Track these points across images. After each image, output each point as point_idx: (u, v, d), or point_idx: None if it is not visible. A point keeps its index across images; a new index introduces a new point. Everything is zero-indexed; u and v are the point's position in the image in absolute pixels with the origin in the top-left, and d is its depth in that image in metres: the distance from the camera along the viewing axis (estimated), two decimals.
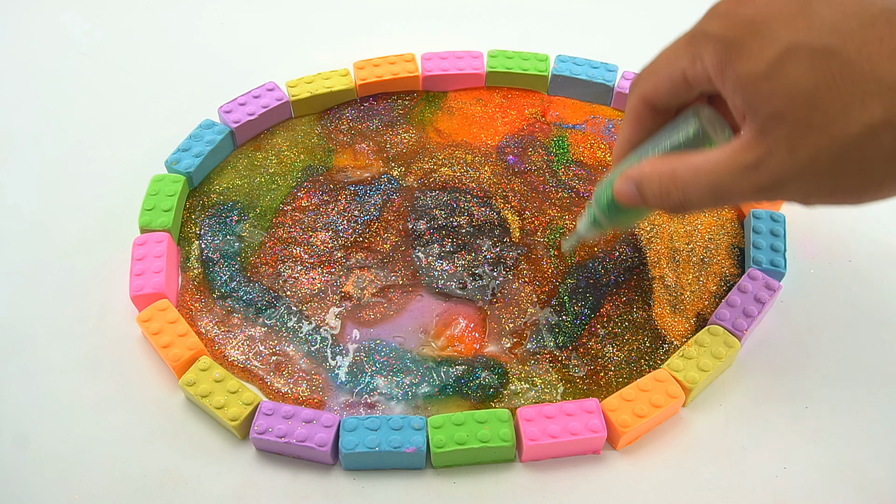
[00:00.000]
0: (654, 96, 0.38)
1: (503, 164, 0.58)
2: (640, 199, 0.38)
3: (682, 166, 0.35)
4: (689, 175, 0.35)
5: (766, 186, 0.33)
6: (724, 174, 0.34)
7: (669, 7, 0.73)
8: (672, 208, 0.36)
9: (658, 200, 0.37)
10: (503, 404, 0.47)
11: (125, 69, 0.66)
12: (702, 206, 0.36)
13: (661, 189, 0.36)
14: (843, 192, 0.33)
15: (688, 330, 0.50)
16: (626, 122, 0.40)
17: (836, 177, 0.32)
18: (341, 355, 0.48)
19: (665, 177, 0.36)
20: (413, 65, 0.62)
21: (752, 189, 0.34)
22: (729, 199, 0.35)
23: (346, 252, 0.53)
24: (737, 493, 0.44)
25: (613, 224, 0.41)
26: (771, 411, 0.47)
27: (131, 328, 0.49)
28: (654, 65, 0.38)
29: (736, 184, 0.34)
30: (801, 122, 0.31)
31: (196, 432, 0.46)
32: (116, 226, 0.54)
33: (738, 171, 0.33)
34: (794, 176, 0.32)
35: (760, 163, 0.33)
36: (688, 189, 0.35)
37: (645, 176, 0.37)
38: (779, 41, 0.32)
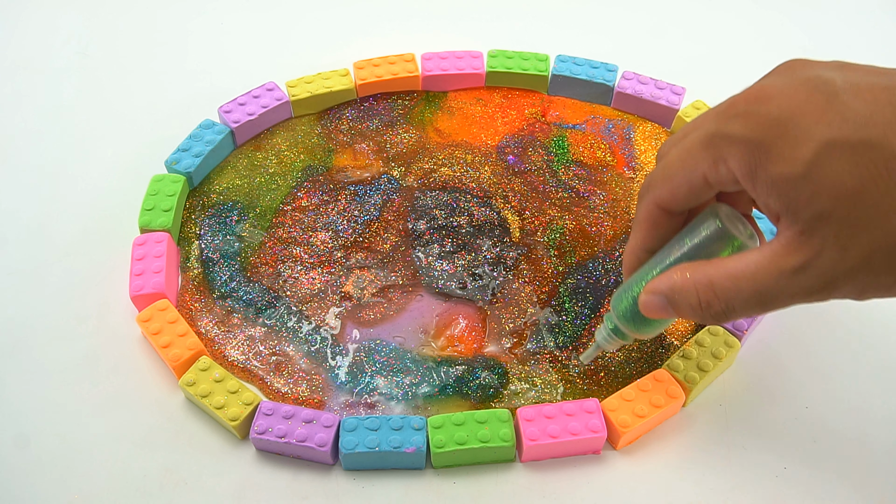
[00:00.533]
0: (671, 201, 0.36)
1: (503, 164, 0.58)
2: (671, 312, 0.36)
3: (719, 274, 0.33)
4: (729, 283, 0.33)
5: (817, 288, 0.32)
6: (769, 280, 0.32)
7: (669, 7, 0.73)
8: (712, 319, 0.35)
9: (696, 312, 0.35)
10: (503, 404, 0.47)
11: (125, 69, 0.66)
12: (745, 314, 0.34)
13: (701, 301, 0.34)
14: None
15: (688, 330, 0.50)
16: (640, 228, 0.38)
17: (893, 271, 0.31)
18: (341, 355, 0.48)
19: (702, 287, 0.34)
20: (413, 65, 0.62)
21: (802, 292, 0.32)
22: (776, 305, 0.33)
23: (346, 252, 0.53)
24: (737, 493, 0.44)
25: (638, 334, 0.39)
26: (771, 411, 0.47)
27: (131, 328, 0.49)
28: (667, 169, 0.36)
29: (783, 289, 0.32)
30: (850, 221, 0.30)
31: (196, 432, 0.46)
32: (116, 226, 0.54)
33: (784, 275, 0.32)
34: (847, 276, 0.31)
35: (809, 265, 0.31)
36: (730, 298, 0.33)
37: (678, 288, 0.35)
38: (813, 139, 0.30)
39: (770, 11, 0.73)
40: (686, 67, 0.66)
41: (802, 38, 0.70)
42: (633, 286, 0.38)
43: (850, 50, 0.68)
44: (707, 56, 0.68)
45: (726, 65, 0.67)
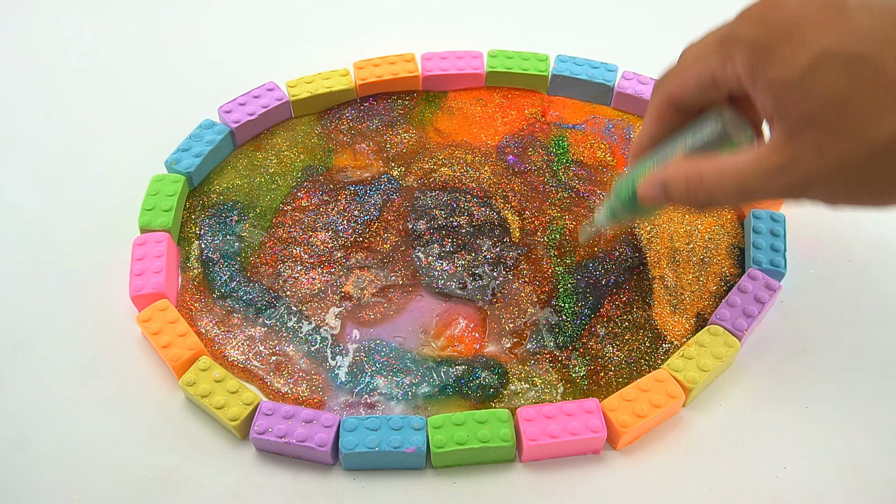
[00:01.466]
0: (680, 96, 0.39)
1: (503, 164, 0.58)
2: (665, 200, 0.39)
3: (709, 168, 0.36)
4: (716, 177, 0.36)
5: (792, 187, 0.34)
6: (750, 176, 0.35)
7: (669, 7, 0.73)
8: (698, 206, 0.38)
9: (683, 199, 0.38)
10: (503, 404, 0.47)
11: (125, 69, 0.66)
12: (728, 203, 0.37)
13: (689, 190, 0.37)
14: (867, 196, 0.34)
15: (688, 330, 0.50)
16: (649, 120, 0.41)
17: (863, 181, 0.33)
18: (341, 355, 0.48)
19: (692, 179, 0.37)
20: (413, 65, 0.62)
21: (777, 190, 0.34)
22: (754, 199, 0.36)
23: (346, 252, 0.53)
24: (737, 493, 0.44)
25: (633, 216, 0.43)
26: (771, 411, 0.47)
27: (131, 328, 0.49)
28: (680, 65, 0.38)
29: (761, 185, 0.35)
30: (831, 128, 0.32)
31: (196, 432, 0.46)
32: (116, 226, 0.54)
33: (765, 173, 0.34)
34: (821, 179, 0.33)
35: (788, 165, 0.33)
36: (714, 190, 0.36)
37: (671, 178, 0.38)
38: (812, 47, 0.32)
39: None
40: None
41: None
42: (634, 174, 0.41)
43: None
44: None
45: None
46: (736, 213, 0.55)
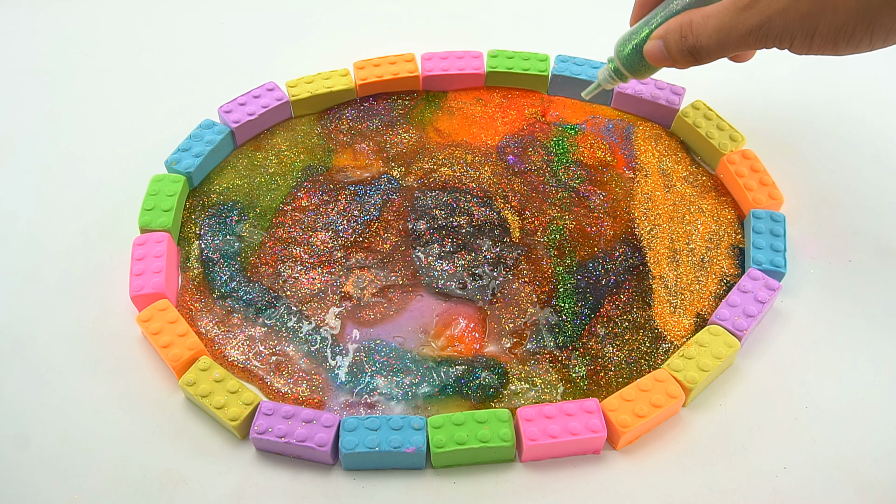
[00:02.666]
0: None
1: (503, 164, 0.58)
2: (666, 56, 0.45)
3: (697, 15, 0.43)
4: (702, 21, 0.42)
5: (756, 26, 0.40)
6: (726, 17, 0.41)
7: None
8: (689, 53, 0.43)
9: (678, 47, 0.44)
10: (503, 404, 0.47)
11: (125, 69, 0.66)
12: (711, 48, 0.42)
13: (681, 36, 0.43)
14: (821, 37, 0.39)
15: (688, 330, 0.50)
16: None
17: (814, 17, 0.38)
18: (341, 355, 0.48)
19: (684, 25, 0.43)
20: (413, 65, 0.62)
21: (746, 29, 0.40)
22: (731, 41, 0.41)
23: (346, 252, 0.53)
24: (737, 493, 0.44)
25: (633, 75, 0.48)
26: (771, 411, 0.47)
27: (131, 328, 0.49)
28: None
29: (734, 24, 0.41)
30: None
31: (196, 432, 0.46)
32: (116, 226, 0.54)
33: (736, 11, 0.40)
34: (778, 15, 0.39)
35: (753, 3, 0.40)
36: (698, 32, 0.42)
37: (670, 29, 0.44)
38: None
39: None
40: None
41: None
42: (636, 33, 0.47)
43: None
44: None
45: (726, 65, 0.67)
46: (736, 212, 0.55)
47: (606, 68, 0.49)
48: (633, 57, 0.47)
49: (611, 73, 0.49)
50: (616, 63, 0.48)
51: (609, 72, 0.49)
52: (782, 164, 0.58)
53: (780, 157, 0.58)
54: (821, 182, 0.57)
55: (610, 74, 0.49)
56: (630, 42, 0.47)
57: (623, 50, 0.47)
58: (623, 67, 0.48)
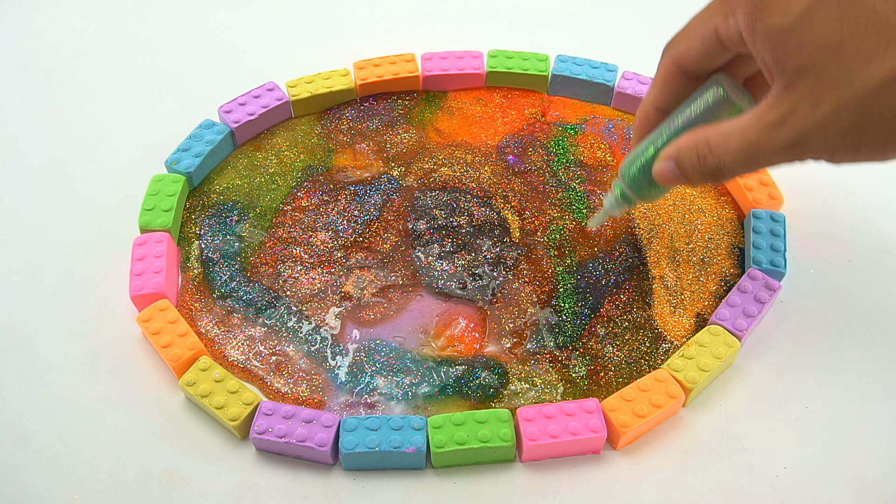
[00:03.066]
0: (687, 58, 0.39)
1: (503, 164, 0.58)
2: (680, 175, 0.38)
3: (714, 133, 0.36)
4: (722, 140, 0.36)
5: (791, 143, 0.33)
6: (752, 134, 0.35)
7: (669, 7, 0.73)
8: (710, 174, 0.37)
9: (696, 169, 0.38)
10: (503, 404, 0.47)
11: (125, 69, 0.66)
12: (737, 169, 0.36)
13: (699, 158, 0.37)
14: (867, 148, 0.33)
15: (688, 330, 0.50)
16: (655, 85, 0.41)
17: (860, 130, 0.32)
18: (341, 355, 0.48)
19: (700, 144, 0.37)
20: (413, 65, 0.62)
21: (779, 147, 0.34)
22: (760, 160, 0.35)
23: (346, 252, 0.53)
24: (737, 493, 0.44)
25: (642, 198, 0.43)
26: (771, 411, 0.47)
27: (131, 328, 0.49)
28: (687, 27, 0.39)
29: (764, 142, 0.34)
30: (824, 75, 0.32)
31: (196, 432, 0.46)
32: (116, 226, 0.54)
33: (765, 129, 0.34)
34: (817, 131, 0.33)
35: (785, 119, 0.33)
36: (720, 153, 0.36)
37: (682, 150, 0.38)
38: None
39: None
40: None
41: None
42: (641, 153, 0.41)
43: None
44: None
45: None
46: (736, 212, 0.55)
47: (612, 193, 0.44)
48: (640, 179, 0.42)
49: (617, 197, 0.44)
50: (622, 187, 0.43)
51: (615, 197, 0.44)
52: None
53: None
54: (821, 182, 0.57)
55: (616, 199, 0.44)
56: (635, 163, 0.42)
57: (628, 172, 0.42)
58: (630, 191, 0.43)
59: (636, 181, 0.42)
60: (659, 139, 0.40)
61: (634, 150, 0.41)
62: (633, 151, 0.42)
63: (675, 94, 0.40)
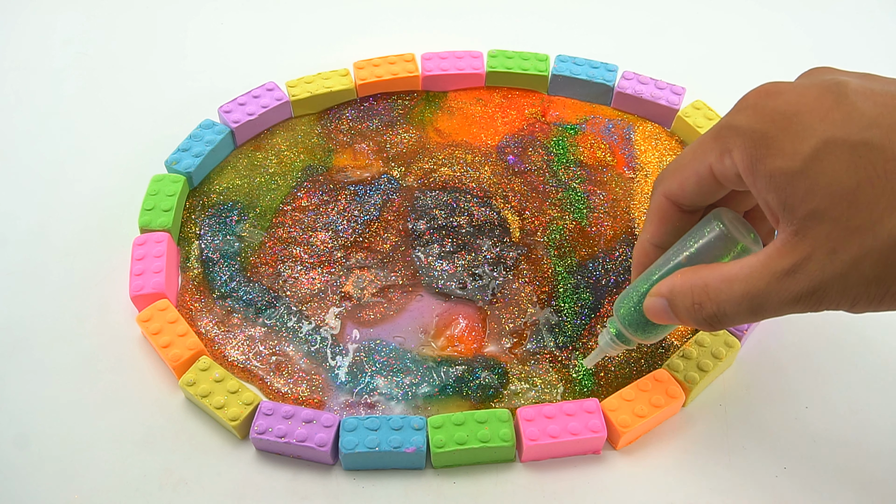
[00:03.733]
0: (680, 194, 0.36)
1: (503, 164, 0.58)
2: (672, 316, 0.35)
3: (714, 276, 0.33)
4: (723, 285, 0.33)
5: (805, 293, 0.31)
6: (759, 282, 0.31)
7: (669, 7, 0.73)
8: (706, 322, 0.34)
9: (691, 314, 0.34)
10: (503, 404, 0.47)
11: (125, 69, 0.66)
12: (737, 318, 0.33)
13: (694, 301, 0.34)
14: (892, 297, 0.30)
15: (688, 330, 0.50)
16: (650, 222, 0.38)
17: (885, 280, 0.30)
18: (341, 355, 0.48)
19: (697, 289, 0.34)
20: (413, 65, 0.62)
21: (790, 297, 0.31)
22: (768, 309, 0.32)
23: (346, 252, 0.53)
24: (737, 493, 0.44)
25: (639, 338, 0.39)
26: (771, 411, 0.47)
27: (131, 328, 0.49)
28: (679, 161, 0.36)
29: (773, 293, 0.31)
30: (842, 222, 0.29)
31: (196, 432, 0.46)
32: (116, 226, 0.54)
33: (774, 277, 0.31)
34: (836, 281, 0.30)
35: (798, 268, 0.30)
36: (721, 300, 0.33)
37: (676, 290, 0.35)
38: (814, 135, 0.30)
39: (771, 11, 0.73)
40: (686, 67, 0.66)
41: (804, 38, 0.70)
42: (634, 290, 0.38)
43: (851, 50, 0.68)
44: (707, 56, 0.68)
45: (726, 65, 0.67)
46: None
47: (607, 331, 0.40)
48: (635, 317, 0.38)
49: (612, 336, 0.40)
50: (617, 325, 0.39)
51: (610, 336, 0.40)
52: None
53: None
54: None
55: (612, 339, 0.40)
56: (629, 301, 0.38)
57: (621, 309, 0.39)
58: (625, 329, 0.39)
59: (631, 320, 0.38)
60: (654, 275, 0.37)
61: (629, 287, 0.38)
62: (628, 288, 0.39)
63: (672, 230, 0.38)
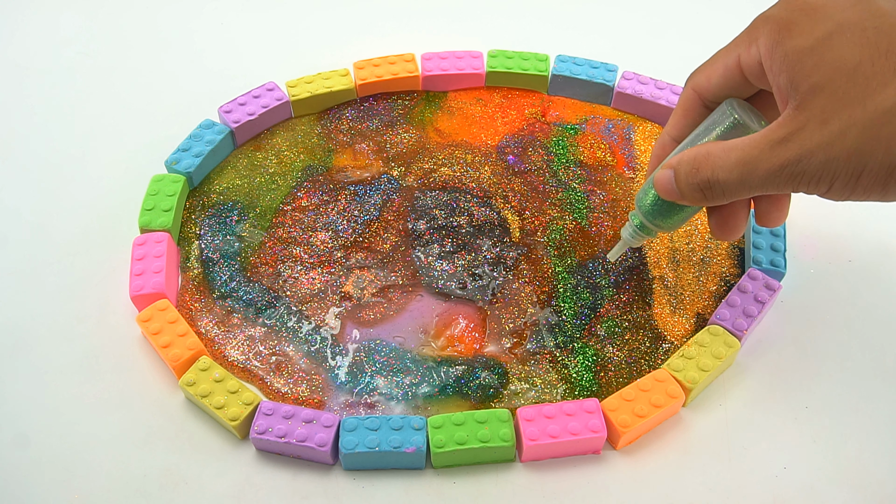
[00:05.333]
0: (706, 87, 0.39)
1: (503, 164, 0.58)
2: (674, 187, 0.38)
3: (717, 147, 0.36)
4: (722, 153, 0.35)
5: (791, 161, 0.33)
6: (754, 150, 0.34)
7: (669, 7, 0.73)
8: (700, 189, 0.36)
9: (689, 180, 0.37)
10: (503, 404, 0.47)
11: (125, 69, 0.66)
12: (728, 186, 0.35)
13: (693, 166, 0.36)
14: (868, 176, 0.32)
15: (688, 330, 0.50)
16: (674, 115, 0.41)
17: (864, 154, 0.32)
18: (341, 355, 0.48)
19: (700, 156, 0.36)
20: (413, 65, 0.62)
21: (777, 164, 0.33)
22: (755, 177, 0.34)
23: (346, 252, 0.53)
24: (737, 493, 0.44)
25: (658, 226, 0.42)
26: (771, 411, 0.47)
27: (131, 328, 0.49)
28: (712, 56, 0.39)
29: (763, 159, 0.34)
30: (838, 95, 0.32)
31: (196, 432, 0.46)
32: (116, 226, 0.54)
33: (768, 145, 0.33)
34: (820, 150, 0.32)
35: (791, 136, 0.33)
36: (716, 165, 0.35)
37: (682, 159, 0.37)
38: (832, 19, 0.33)
39: None
40: (686, 67, 0.65)
41: None
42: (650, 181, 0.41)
43: None
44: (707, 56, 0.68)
45: None
46: None
47: (630, 224, 0.43)
48: (656, 210, 0.41)
49: (635, 228, 0.43)
50: (639, 217, 0.42)
51: (633, 228, 0.43)
52: None
53: None
54: None
55: (634, 230, 0.43)
56: (646, 189, 0.41)
57: (644, 201, 0.41)
58: (646, 220, 0.42)
59: (652, 209, 0.41)
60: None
61: (648, 180, 0.41)
62: (647, 181, 0.41)
63: (692, 125, 0.40)
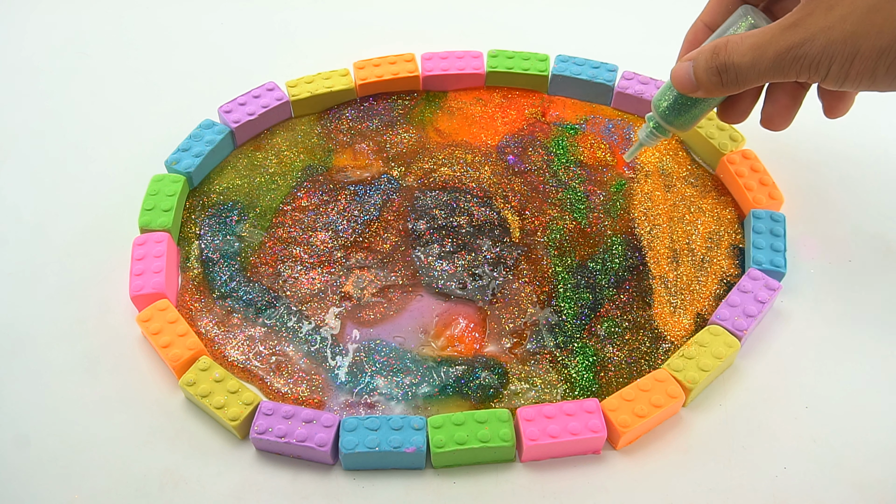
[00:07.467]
0: None
1: (503, 164, 0.58)
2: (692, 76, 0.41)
3: (735, 37, 0.40)
4: (738, 40, 0.39)
5: (796, 44, 0.37)
6: (766, 35, 0.38)
7: (669, 7, 0.73)
8: (719, 70, 0.40)
9: (707, 63, 0.40)
10: (503, 404, 0.47)
11: (125, 69, 0.66)
12: (743, 68, 0.39)
13: (713, 55, 0.40)
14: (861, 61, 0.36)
15: (688, 330, 0.50)
16: (708, 4, 0.44)
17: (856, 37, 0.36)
18: (341, 355, 0.48)
19: (719, 45, 0.40)
20: (413, 65, 0.62)
21: (784, 47, 0.37)
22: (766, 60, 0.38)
23: (346, 252, 0.53)
24: (737, 493, 0.44)
25: (673, 125, 0.45)
26: (771, 411, 0.47)
27: (131, 328, 0.49)
28: None
29: (772, 42, 0.38)
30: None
31: (196, 432, 0.46)
32: (116, 226, 0.54)
33: (779, 30, 0.38)
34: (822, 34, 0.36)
35: (799, 21, 0.37)
36: (732, 50, 0.39)
37: (702, 50, 0.41)
38: None
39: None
40: None
41: None
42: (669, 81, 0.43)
43: None
44: None
45: None
46: (737, 212, 0.55)
47: (646, 126, 0.46)
48: (673, 108, 0.44)
49: (652, 130, 0.45)
50: (656, 118, 0.45)
51: (649, 129, 0.46)
52: (782, 164, 0.58)
53: (780, 157, 0.58)
54: (821, 182, 0.57)
55: (651, 131, 0.46)
56: (668, 93, 0.44)
57: (661, 103, 0.44)
58: (663, 121, 0.44)
59: (669, 110, 0.44)
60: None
61: (666, 82, 0.44)
62: (665, 83, 0.44)
63: (725, 13, 0.43)
